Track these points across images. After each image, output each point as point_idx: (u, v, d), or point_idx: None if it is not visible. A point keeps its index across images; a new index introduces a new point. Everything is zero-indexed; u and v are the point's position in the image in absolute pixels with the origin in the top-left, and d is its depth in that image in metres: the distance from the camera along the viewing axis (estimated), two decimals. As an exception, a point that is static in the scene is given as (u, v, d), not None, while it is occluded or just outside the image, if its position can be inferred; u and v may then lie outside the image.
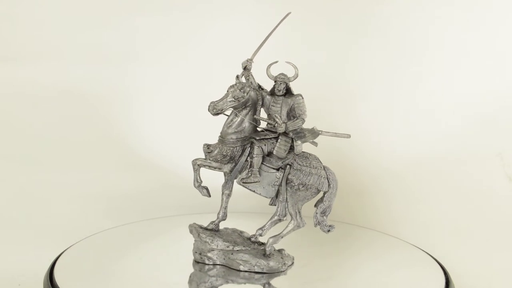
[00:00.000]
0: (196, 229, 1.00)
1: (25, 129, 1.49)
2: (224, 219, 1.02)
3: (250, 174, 0.96)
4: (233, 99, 0.95)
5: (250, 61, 0.99)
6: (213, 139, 1.00)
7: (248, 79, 0.99)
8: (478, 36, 1.43)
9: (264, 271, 0.96)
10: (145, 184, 1.46)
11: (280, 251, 1.00)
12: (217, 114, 0.96)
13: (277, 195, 0.98)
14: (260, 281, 0.94)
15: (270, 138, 0.97)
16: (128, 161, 1.50)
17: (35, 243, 1.18)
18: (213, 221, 1.01)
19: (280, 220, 0.99)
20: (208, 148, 0.99)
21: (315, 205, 0.99)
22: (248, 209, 1.30)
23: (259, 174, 0.96)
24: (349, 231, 1.23)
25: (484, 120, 1.42)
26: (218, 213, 1.01)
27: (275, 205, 0.99)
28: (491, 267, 1.12)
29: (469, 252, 1.18)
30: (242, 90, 0.95)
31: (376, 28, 1.48)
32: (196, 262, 1.00)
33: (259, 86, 1.00)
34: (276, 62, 0.98)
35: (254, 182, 0.96)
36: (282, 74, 0.97)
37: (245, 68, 0.99)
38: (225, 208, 1.01)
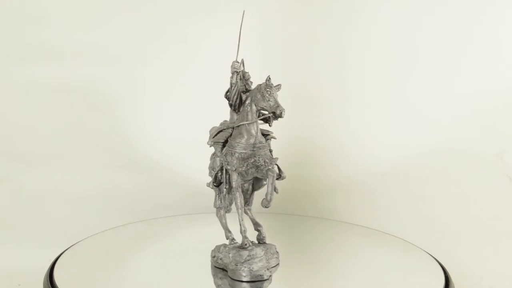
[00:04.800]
0: (253, 249, 0.94)
1: (26, 129, 1.49)
2: None
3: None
4: None
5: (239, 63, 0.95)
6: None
7: (237, 83, 0.95)
8: (477, 36, 1.43)
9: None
10: (146, 184, 1.46)
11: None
12: None
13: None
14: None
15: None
16: (129, 161, 1.50)
17: (35, 243, 1.18)
18: (246, 238, 0.95)
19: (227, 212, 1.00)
20: (269, 161, 0.92)
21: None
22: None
23: None
24: (348, 230, 1.23)
25: (484, 120, 1.41)
26: (245, 230, 0.95)
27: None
28: (491, 267, 1.12)
29: (469, 252, 1.17)
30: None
31: (368, 29, 1.48)
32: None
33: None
34: (242, 59, 0.95)
35: None
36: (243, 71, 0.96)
37: (239, 72, 0.94)
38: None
